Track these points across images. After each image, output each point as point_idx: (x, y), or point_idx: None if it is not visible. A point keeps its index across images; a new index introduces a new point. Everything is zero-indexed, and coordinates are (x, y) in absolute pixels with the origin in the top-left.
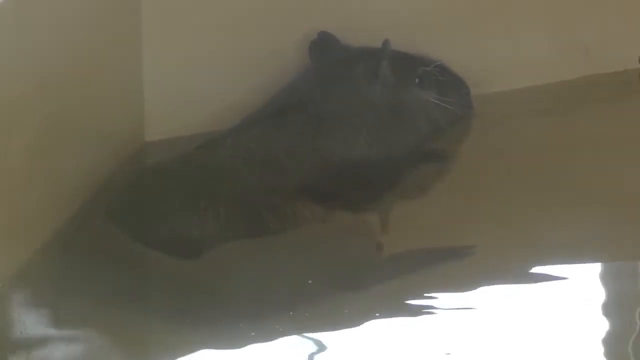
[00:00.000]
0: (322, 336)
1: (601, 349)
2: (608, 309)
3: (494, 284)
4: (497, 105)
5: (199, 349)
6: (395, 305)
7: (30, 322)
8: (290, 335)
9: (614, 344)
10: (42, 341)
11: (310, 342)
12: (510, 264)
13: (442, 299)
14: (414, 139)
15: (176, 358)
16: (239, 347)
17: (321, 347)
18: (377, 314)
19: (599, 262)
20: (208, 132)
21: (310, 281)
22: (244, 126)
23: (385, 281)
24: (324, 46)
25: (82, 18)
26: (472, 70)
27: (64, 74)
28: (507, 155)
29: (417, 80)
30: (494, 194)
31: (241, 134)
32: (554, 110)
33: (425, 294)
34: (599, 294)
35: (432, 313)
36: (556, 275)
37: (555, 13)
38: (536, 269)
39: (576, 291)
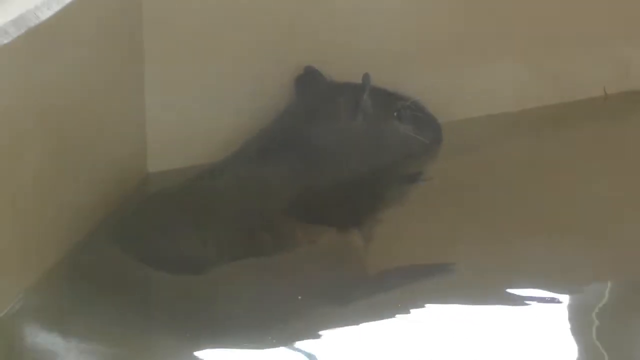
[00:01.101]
0: (310, 347)
1: None
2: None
3: (472, 304)
4: (469, 130)
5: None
6: (378, 319)
7: (39, 340)
8: (281, 346)
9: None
10: (51, 356)
11: (299, 353)
12: (487, 284)
13: (425, 316)
14: (390, 167)
15: None
16: (233, 356)
17: (309, 357)
18: (361, 327)
19: (573, 282)
20: (208, 163)
21: (300, 297)
22: (238, 157)
23: (369, 296)
24: (308, 80)
25: (87, 55)
26: (445, 97)
27: (71, 108)
28: (478, 178)
29: (395, 114)
30: (468, 216)
31: (235, 165)
32: (525, 135)
33: (409, 309)
34: (577, 312)
35: (414, 327)
36: (530, 296)
37: (525, 45)
38: (510, 291)
39: (555, 310)
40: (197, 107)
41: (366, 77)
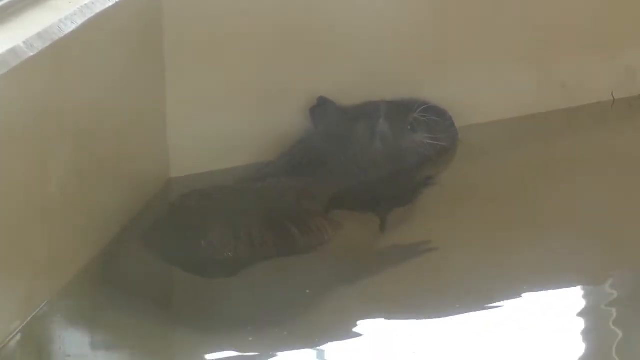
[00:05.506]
0: (324, 340)
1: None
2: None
3: (478, 303)
4: (481, 135)
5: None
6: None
7: (69, 339)
8: (295, 339)
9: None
10: (81, 357)
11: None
12: (494, 284)
13: (434, 314)
14: (408, 174)
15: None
16: (243, 351)
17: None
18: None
19: (581, 280)
20: (229, 168)
21: (307, 290)
22: (266, 171)
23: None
24: (322, 110)
25: (109, 65)
26: (458, 103)
27: (95, 118)
28: (484, 182)
29: (409, 127)
30: (477, 216)
31: (265, 176)
32: (532, 140)
33: (401, 313)
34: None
35: (404, 331)
36: (541, 297)
37: (535, 51)
38: (521, 292)
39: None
40: (216, 115)
41: (382, 104)
